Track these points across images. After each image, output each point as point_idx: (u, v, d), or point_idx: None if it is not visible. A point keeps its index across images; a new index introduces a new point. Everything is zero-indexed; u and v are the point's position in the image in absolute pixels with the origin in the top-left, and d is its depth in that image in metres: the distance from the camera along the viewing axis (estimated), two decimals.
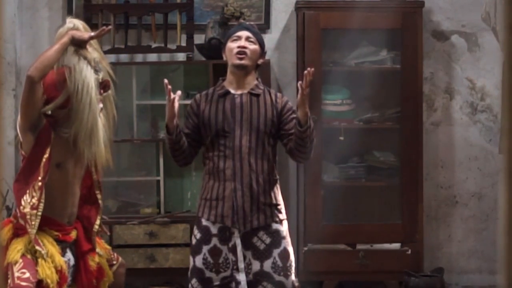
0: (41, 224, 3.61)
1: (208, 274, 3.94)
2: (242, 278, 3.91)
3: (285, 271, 3.96)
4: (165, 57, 5.96)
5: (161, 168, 5.78)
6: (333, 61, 5.83)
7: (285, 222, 4.03)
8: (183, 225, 5.61)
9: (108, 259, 3.95)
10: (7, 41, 5.75)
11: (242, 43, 4.00)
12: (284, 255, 3.97)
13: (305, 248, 5.68)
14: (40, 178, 3.60)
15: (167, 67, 5.92)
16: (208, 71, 5.67)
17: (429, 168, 6.01)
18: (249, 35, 4.03)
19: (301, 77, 5.67)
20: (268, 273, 3.93)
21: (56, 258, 3.63)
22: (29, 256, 3.59)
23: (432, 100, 6.09)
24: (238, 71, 4.01)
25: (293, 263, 4.01)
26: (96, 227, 3.88)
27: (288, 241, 4.01)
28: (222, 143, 3.95)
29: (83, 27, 3.76)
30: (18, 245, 3.60)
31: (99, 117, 3.73)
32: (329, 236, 5.66)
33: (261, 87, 4.06)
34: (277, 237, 3.97)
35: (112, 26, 5.76)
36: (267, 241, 3.95)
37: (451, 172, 6.10)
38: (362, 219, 5.91)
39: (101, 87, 3.75)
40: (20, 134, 3.70)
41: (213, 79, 5.47)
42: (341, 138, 5.70)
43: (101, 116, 3.78)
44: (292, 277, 4.00)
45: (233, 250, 3.92)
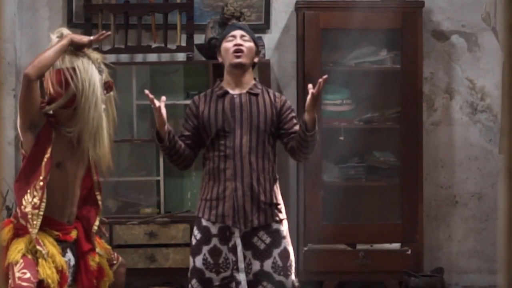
0: (41, 224, 3.61)
1: (208, 274, 3.94)
2: (242, 278, 3.91)
3: (285, 271, 3.96)
4: (165, 57, 5.96)
5: (161, 168, 5.78)
6: (333, 61, 5.82)
7: (285, 222, 4.03)
8: (183, 225, 5.61)
9: (108, 259, 3.95)
10: (7, 41, 5.75)
11: (238, 41, 4.01)
12: (284, 255, 3.97)
13: (305, 248, 5.68)
14: (41, 178, 3.60)
15: (167, 67, 5.92)
16: (208, 71, 5.67)
17: (429, 168, 6.01)
18: (243, 33, 4.05)
19: (301, 77, 5.75)
20: (268, 273, 3.93)
21: (57, 258, 3.63)
22: (29, 256, 3.59)
23: (432, 100, 6.08)
24: (236, 70, 4.01)
25: (293, 263, 4.01)
26: (95, 228, 3.88)
27: (288, 240, 4.01)
28: (223, 143, 3.95)
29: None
30: (19, 245, 3.60)
31: (104, 116, 3.74)
32: (329, 236, 5.65)
33: (259, 87, 4.06)
34: (277, 236, 3.97)
35: (112, 26, 5.78)
36: (267, 240, 3.95)
37: (451, 172, 6.10)
38: (362, 219, 5.91)
39: (104, 88, 3.75)
40: (20, 133, 3.70)
41: (213, 79, 5.47)
42: (341, 138, 5.70)
43: (103, 116, 3.78)
44: (292, 277, 4.00)
45: (233, 250, 3.92)
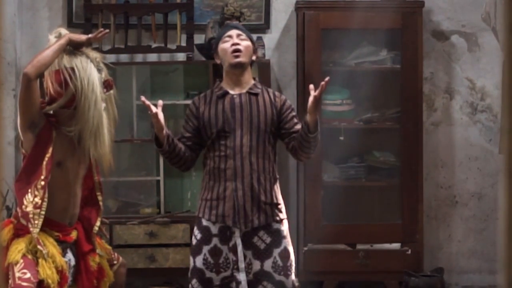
0: (42, 225, 3.61)
1: (208, 274, 3.94)
2: (242, 278, 3.90)
3: (285, 270, 3.96)
4: (165, 57, 5.96)
5: (161, 168, 5.78)
6: (333, 61, 5.82)
7: (285, 222, 4.02)
8: (183, 225, 5.61)
9: (108, 259, 3.95)
10: (7, 41, 5.75)
11: (234, 41, 4.00)
12: (285, 254, 3.97)
13: (305, 248, 5.68)
14: (42, 177, 3.60)
15: (167, 67, 5.92)
16: (208, 71, 5.67)
17: (429, 168, 6.01)
18: (239, 32, 4.04)
19: (301, 77, 5.74)
20: (269, 273, 3.93)
21: (57, 259, 3.63)
22: (30, 257, 3.58)
23: (432, 100, 6.08)
24: (236, 70, 4.00)
25: (293, 263, 4.01)
26: (96, 229, 3.88)
27: (288, 240, 4.01)
28: (223, 143, 3.95)
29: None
30: (19, 245, 3.60)
31: (104, 115, 3.74)
32: (329, 236, 5.65)
33: (259, 86, 4.06)
34: (278, 236, 3.97)
35: (112, 26, 5.78)
36: (268, 240, 3.95)
37: (451, 172, 6.10)
38: (362, 219, 5.91)
39: (104, 86, 3.75)
40: (20, 133, 3.70)
41: (213, 79, 5.47)
42: (341, 138, 5.70)
43: (104, 115, 3.78)
44: (292, 276, 4.00)
45: (233, 250, 3.92)
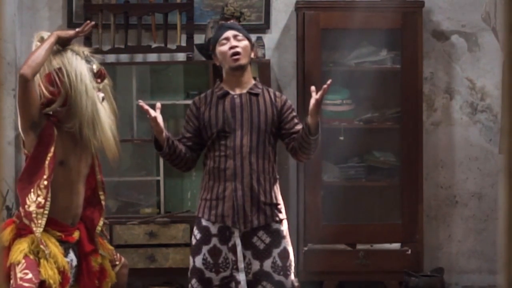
0: (44, 224, 3.62)
1: (208, 274, 3.94)
2: (242, 278, 3.90)
3: (284, 270, 3.95)
4: (165, 57, 5.96)
5: (161, 168, 5.78)
6: (333, 61, 5.82)
7: (285, 222, 4.02)
8: (183, 225, 5.61)
9: (110, 260, 3.95)
10: (7, 41, 5.75)
11: (232, 43, 3.97)
12: (284, 254, 3.97)
13: (305, 248, 5.68)
14: (45, 177, 3.61)
15: (167, 67, 5.92)
16: (208, 71, 5.67)
17: (429, 168, 6.00)
18: (235, 33, 4.01)
19: (301, 77, 5.74)
20: (268, 273, 3.93)
21: (59, 259, 3.63)
22: (32, 257, 3.59)
23: (432, 100, 6.08)
24: (237, 72, 3.99)
25: (292, 263, 4.01)
26: (99, 229, 3.88)
27: (288, 240, 4.01)
28: (223, 143, 3.95)
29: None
30: (21, 245, 3.60)
31: (99, 103, 3.74)
32: (329, 236, 5.65)
33: (260, 86, 4.05)
34: (277, 236, 3.97)
35: (112, 26, 5.78)
36: (267, 240, 3.95)
37: (451, 172, 6.10)
38: (362, 219, 5.91)
39: (96, 77, 3.76)
40: (22, 134, 3.71)
41: (213, 79, 5.47)
42: (341, 138, 5.70)
43: (104, 105, 3.79)
44: (292, 276, 4.00)
45: (233, 250, 3.91)
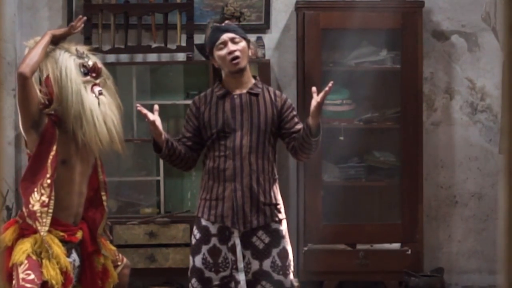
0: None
1: (207, 274, 3.94)
2: (241, 277, 3.91)
3: (284, 270, 3.96)
4: (165, 57, 5.96)
5: (161, 168, 5.78)
6: (333, 61, 5.82)
7: (284, 222, 4.02)
8: (183, 225, 5.61)
9: (113, 260, 3.96)
10: (7, 41, 5.75)
11: (230, 47, 3.93)
12: (283, 254, 3.97)
13: (305, 248, 5.68)
14: (48, 176, 3.61)
15: (167, 67, 5.92)
16: (208, 71, 5.67)
17: (429, 168, 6.00)
18: (232, 36, 3.96)
19: (301, 77, 5.74)
20: (267, 272, 3.93)
21: (61, 259, 3.63)
22: (34, 257, 3.58)
23: (432, 100, 6.08)
24: (237, 75, 3.99)
25: (291, 262, 4.01)
26: (101, 229, 3.89)
27: (287, 240, 4.01)
28: (223, 143, 3.95)
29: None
30: (24, 245, 3.60)
31: (86, 96, 3.71)
32: (329, 236, 5.66)
33: (260, 86, 4.04)
34: (276, 236, 3.97)
35: (112, 26, 5.78)
36: (266, 240, 3.95)
37: (451, 172, 6.10)
38: (362, 219, 5.91)
39: (90, 71, 3.76)
40: (23, 133, 3.72)
41: (213, 79, 5.47)
42: (341, 138, 5.70)
43: (102, 100, 3.78)
44: (291, 276, 4.00)
45: (232, 250, 3.92)
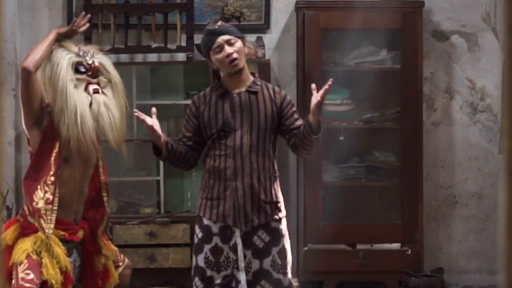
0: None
1: (209, 273, 3.94)
2: (242, 277, 3.91)
3: (283, 269, 3.96)
4: (165, 57, 5.96)
5: (161, 168, 5.78)
6: (333, 61, 5.82)
7: (284, 220, 4.02)
8: (183, 225, 5.61)
9: (114, 261, 3.96)
10: (7, 41, 5.75)
11: (227, 50, 3.91)
12: (283, 253, 3.97)
13: (305, 248, 5.68)
14: (51, 173, 3.61)
15: (167, 67, 5.92)
16: (208, 71, 5.67)
17: (429, 168, 6.00)
18: (227, 38, 3.92)
19: (301, 77, 5.74)
20: (267, 271, 3.93)
21: (62, 259, 3.63)
22: (34, 257, 3.58)
23: (432, 100, 6.08)
24: (235, 75, 3.99)
25: (290, 261, 4.02)
26: (101, 230, 3.89)
27: (286, 238, 4.01)
28: (223, 142, 3.95)
29: None
30: (24, 245, 3.60)
31: (73, 92, 3.70)
32: (329, 236, 5.65)
33: (258, 83, 4.02)
34: (276, 235, 3.97)
35: (112, 26, 5.78)
36: (267, 239, 3.95)
37: (451, 172, 6.10)
38: (362, 219, 5.91)
39: (89, 70, 3.76)
40: (26, 131, 3.72)
41: (213, 79, 5.47)
42: (341, 138, 5.70)
43: (97, 98, 3.77)
44: (289, 274, 4.01)
45: (233, 249, 3.92)
